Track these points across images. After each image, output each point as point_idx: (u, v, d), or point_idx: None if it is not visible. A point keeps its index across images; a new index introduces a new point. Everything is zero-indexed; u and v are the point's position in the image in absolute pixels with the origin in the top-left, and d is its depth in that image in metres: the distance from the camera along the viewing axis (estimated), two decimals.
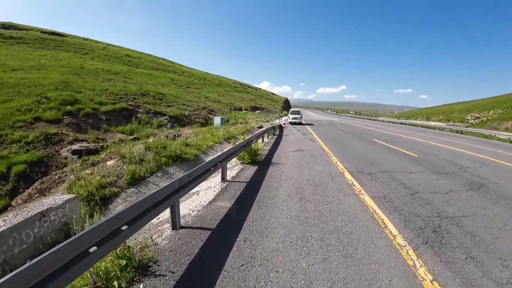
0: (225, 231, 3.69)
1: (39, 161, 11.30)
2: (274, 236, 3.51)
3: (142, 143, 8.98)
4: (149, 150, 8.27)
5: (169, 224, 3.83)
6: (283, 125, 25.66)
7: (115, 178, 5.94)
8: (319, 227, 3.80)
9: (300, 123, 29.14)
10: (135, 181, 6.00)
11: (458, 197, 5.27)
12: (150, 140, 15.08)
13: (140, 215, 2.83)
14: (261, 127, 22.12)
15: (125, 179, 5.83)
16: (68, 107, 16.18)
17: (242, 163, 8.05)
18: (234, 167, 7.64)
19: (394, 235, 3.59)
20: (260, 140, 12.83)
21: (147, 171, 6.62)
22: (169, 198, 3.39)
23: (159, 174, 7.05)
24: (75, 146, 13.11)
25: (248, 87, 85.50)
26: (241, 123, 25.50)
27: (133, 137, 15.60)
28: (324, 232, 3.64)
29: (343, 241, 3.40)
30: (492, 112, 43.81)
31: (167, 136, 15.64)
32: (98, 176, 5.84)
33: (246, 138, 8.51)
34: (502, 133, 24.71)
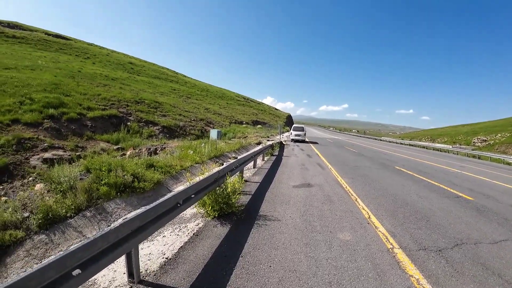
0: None
1: (3, 168, 9.94)
2: None
3: (79, 165, 6.50)
4: (90, 172, 5.93)
5: None
6: (284, 142, 24.21)
7: (27, 214, 4.02)
8: None
9: (303, 141, 27.40)
10: (50, 222, 4.12)
11: None
12: (128, 153, 12.54)
13: None
14: (259, 143, 20.67)
15: (35, 218, 3.98)
16: (51, 110, 14.82)
17: (206, 215, 5.04)
18: (186, 225, 4.76)
19: None
20: (251, 164, 10.72)
21: (70, 208, 4.49)
22: None
23: (88, 214, 4.68)
24: (48, 154, 11.67)
25: (251, 101, 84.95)
26: (239, 137, 24.11)
27: (117, 147, 14.36)
28: None
29: None
30: (499, 135, 42.28)
31: (149, 149, 13.73)
32: (10, 209, 3.91)
33: (213, 172, 5.44)
34: None
